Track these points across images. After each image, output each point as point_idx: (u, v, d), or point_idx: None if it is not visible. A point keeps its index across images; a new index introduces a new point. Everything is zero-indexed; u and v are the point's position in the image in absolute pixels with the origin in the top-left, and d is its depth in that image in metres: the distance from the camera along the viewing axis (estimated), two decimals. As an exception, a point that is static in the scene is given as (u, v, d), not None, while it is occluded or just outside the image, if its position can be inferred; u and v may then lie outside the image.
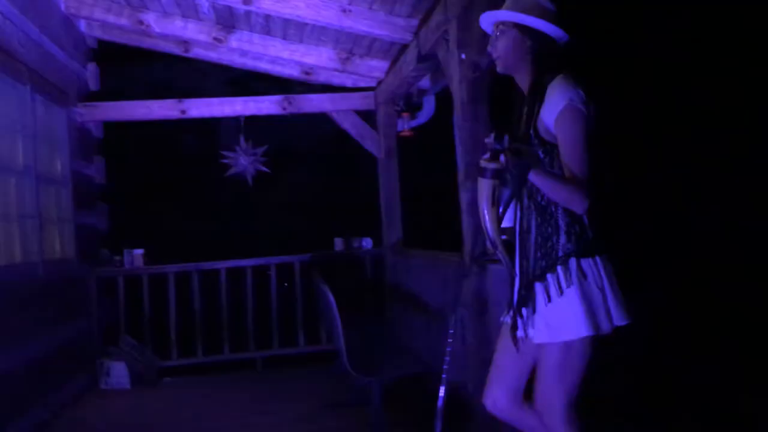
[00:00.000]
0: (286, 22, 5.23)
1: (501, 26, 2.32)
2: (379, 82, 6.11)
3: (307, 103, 6.27)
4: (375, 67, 5.85)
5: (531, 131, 2.24)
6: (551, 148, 2.20)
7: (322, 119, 6.46)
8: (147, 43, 6.05)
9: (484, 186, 2.13)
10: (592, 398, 2.37)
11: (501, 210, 2.19)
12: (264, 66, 6.16)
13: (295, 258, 6.24)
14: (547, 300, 2.20)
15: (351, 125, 6.31)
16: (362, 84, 6.19)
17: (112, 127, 6.33)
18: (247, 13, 5.23)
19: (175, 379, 5.76)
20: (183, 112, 6.11)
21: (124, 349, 5.61)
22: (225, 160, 6.40)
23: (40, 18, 4.88)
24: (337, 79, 6.19)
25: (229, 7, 5.12)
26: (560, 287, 2.17)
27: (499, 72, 2.39)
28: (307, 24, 5.12)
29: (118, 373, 5.40)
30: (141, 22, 5.54)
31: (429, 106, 6.12)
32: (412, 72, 4.98)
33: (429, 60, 4.60)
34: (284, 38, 5.67)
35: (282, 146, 7.77)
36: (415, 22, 4.67)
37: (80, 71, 5.94)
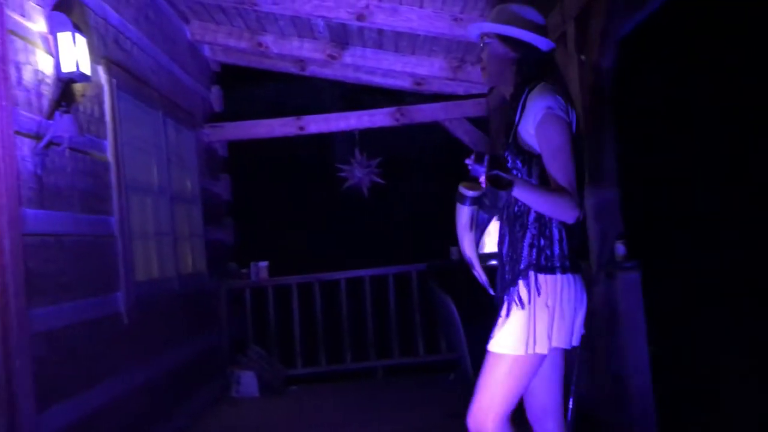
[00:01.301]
0: (398, 35, 5.29)
1: (485, 37, 2.34)
2: (491, 88, 6.06)
3: (420, 114, 6.31)
4: (487, 74, 5.82)
5: (510, 141, 2.23)
6: (529, 158, 2.19)
7: (434, 128, 6.49)
8: (265, 63, 6.32)
9: (463, 211, 2.10)
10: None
11: (479, 233, 2.16)
12: (377, 80, 6.27)
13: (412, 267, 6.27)
14: (506, 313, 2.18)
15: (463, 133, 6.29)
16: (474, 91, 6.16)
17: (234, 145, 6.65)
18: (360, 29, 5.34)
19: (300, 387, 5.93)
20: (301, 128, 6.30)
21: (253, 359, 5.83)
22: (342, 173, 6.55)
23: (169, 46, 5.19)
24: (449, 88, 6.20)
25: (344, 25, 5.25)
26: (520, 301, 2.15)
27: (485, 82, 2.39)
28: (419, 35, 5.16)
29: (248, 381, 5.61)
30: (260, 45, 5.78)
31: (544, 110, 6.00)
32: (526, 76, 4.91)
33: (544, 64, 4.51)
34: (396, 51, 5.74)
35: (395, 157, 7.83)
36: (528, 26, 4.60)
37: (205, 94, 6.27)
